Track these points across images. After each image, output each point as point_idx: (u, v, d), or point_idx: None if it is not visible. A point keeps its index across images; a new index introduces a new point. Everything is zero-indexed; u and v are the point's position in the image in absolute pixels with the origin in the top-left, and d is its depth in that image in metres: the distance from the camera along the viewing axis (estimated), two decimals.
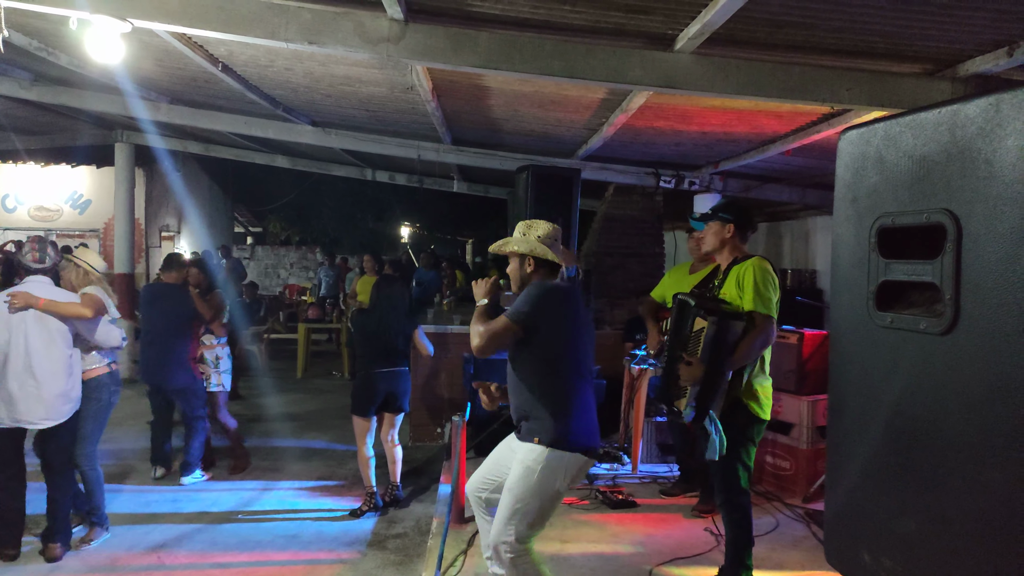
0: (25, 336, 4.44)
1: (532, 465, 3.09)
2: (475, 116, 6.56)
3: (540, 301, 3.14)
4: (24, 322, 4.44)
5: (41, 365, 4.46)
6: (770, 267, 3.64)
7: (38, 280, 4.61)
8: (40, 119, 10.14)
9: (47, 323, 4.50)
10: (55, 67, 6.49)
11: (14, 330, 4.43)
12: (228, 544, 4.96)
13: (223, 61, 5.51)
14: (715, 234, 3.80)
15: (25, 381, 4.41)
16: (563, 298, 3.23)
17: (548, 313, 3.14)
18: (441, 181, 11.99)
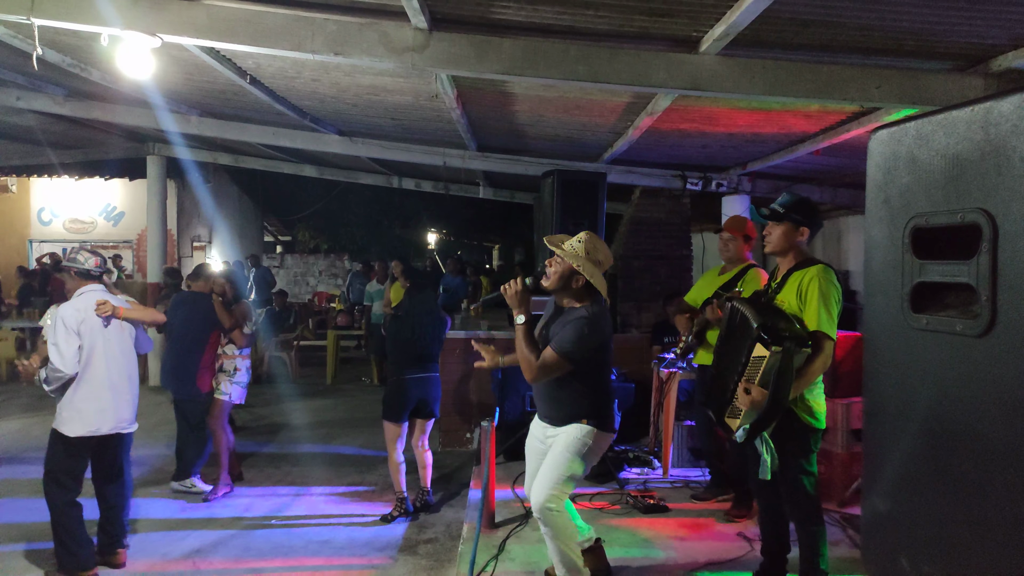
0: (109, 342, 4.51)
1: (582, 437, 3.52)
2: (500, 122, 6.58)
3: (590, 339, 3.43)
4: (107, 329, 4.52)
5: (125, 370, 4.60)
6: (834, 277, 3.36)
7: (99, 288, 4.63)
8: (74, 133, 10.35)
9: (124, 329, 4.63)
10: (88, 83, 6.63)
11: (101, 337, 4.49)
12: (262, 550, 5.01)
13: (251, 73, 5.59)
14: (784, 236, 3.49)
15: (118, 386, 4.52)
16: (606, 328, 3.53)
17: (595, 347, 3.47)
18: (467, 187, 12.03)
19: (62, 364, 4.28)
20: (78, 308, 4.43)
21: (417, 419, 5.59)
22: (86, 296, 4.50)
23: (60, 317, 4.33)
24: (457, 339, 7.25)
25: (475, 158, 8.18)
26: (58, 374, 4.30)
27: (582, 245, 3.49)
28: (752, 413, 3.20)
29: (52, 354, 4.28)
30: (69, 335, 4.33)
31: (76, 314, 4.40)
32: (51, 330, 4.32)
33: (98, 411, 4.43)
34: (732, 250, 5.01)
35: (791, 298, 3.39)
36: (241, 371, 6.23)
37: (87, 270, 4.59)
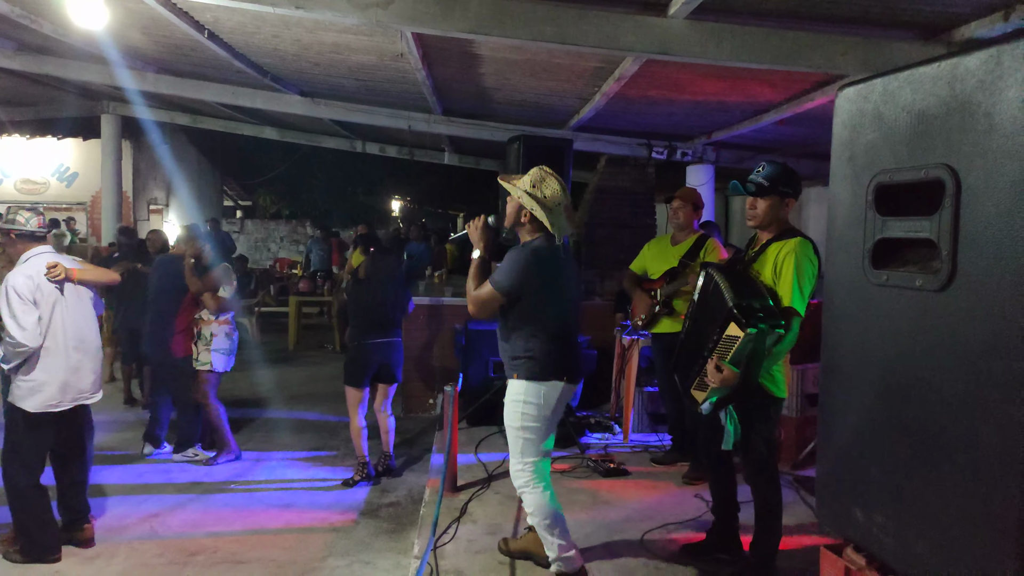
0: (67, 308, 4.13)
1: (514, 397, 3.42)
2: (466, 85, 6.49)
3: (523, 273, 3.30)
4: (62, 294, 4.12)
5: (86, 338, 4.24)
6: (812, 251, 3.35)
7: (47, 249, 4.20)
8: (25, 90, 9.98)
9: (80, 292, 4.24)
10: (38, 35, 6.38)
11: (59, 304, 4.10)
12: (221, 513, 4.97)
13: (209, 28, 5.42)
14: (771, 209, 3.40)
15: (79, 354, 4.17)
16: (541, 263, 3.34)
17: (530, 282, 3.32)
18: (432, 153, 11.91)
19: (24, 337, 3.90)
20: (29, 275, 4.00)
21: (379, 384, 5.58)
22: (34, 260, 4.08)
23: (10, 287, 3.93)
24: (421, 305, 7.22)
25: (440, 122, 8.09)
26: (20, 349, 3.92)
27: (528, 179, 3.40)
28: (722, 390, 3.22)
29: (11, 328, 3.87)
30: (25, 305, 3.93)
31: (28, 282, 3.98)
32: (2, 302, 3.92)
33: (60, 383, 4.09)
34: (682, 218, 5.01)
35: (766, 270, 3.36)
36: (219, 336, 5.85)
37: (31, 231, 4.16)
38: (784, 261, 3.31)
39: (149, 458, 6.02)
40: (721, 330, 3.14)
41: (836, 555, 2.29)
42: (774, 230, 3.46)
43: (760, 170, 3.42)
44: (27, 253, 4.09)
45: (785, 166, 3.42)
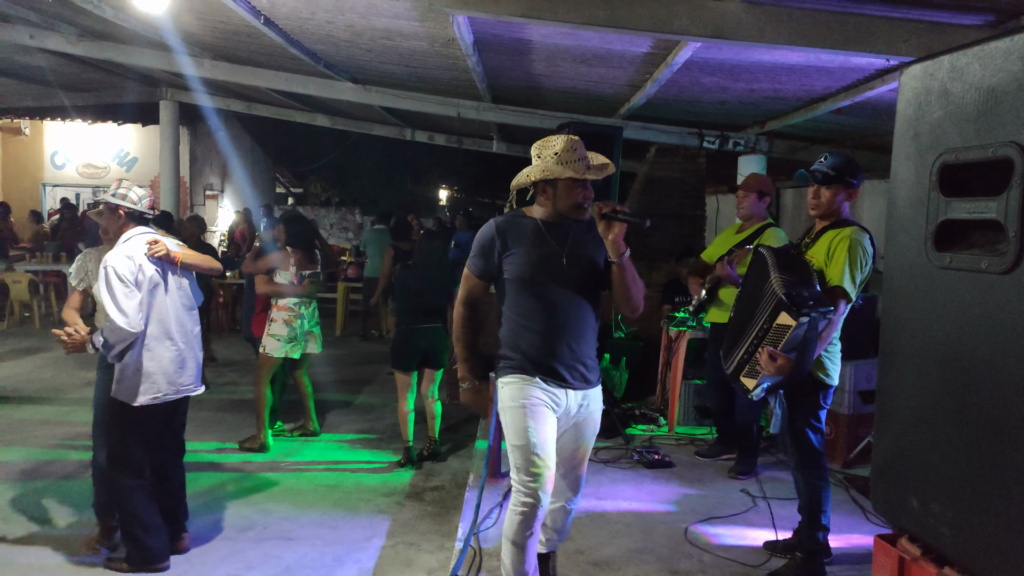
0: (170, 292, 3.84)
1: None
2: (516, 72, 6.47)
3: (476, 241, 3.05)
4: (165, 278, 3.82)
5: (187, 326, 3.94)
6: (867, 241, 3.34)
7: (148, 231, 3.86)
8: (87, 76, 10.27)
9: (182, 280, 3.95)
10: (101, 21, 6.55)
11: (161, 287, 3.80)
12: (271, 493, 5.07)
13: (265, 14, 5.50)
14: (835, 197, 3.42)
15: (183, 342, 3.88)
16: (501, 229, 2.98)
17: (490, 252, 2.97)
18: (480, 141, 11.93)
19: (126, 323, 3.55)
20: (130, 256, 3.68)
21: (426, 369, 5.61)
22: (135, 240, 3.75)
23: (111, 268, 3.60)
24: None
25: (489, 110, 8.09)
26: (122, 335, 3.58)
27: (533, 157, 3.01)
28: (774, 377, 3.19)
29: (111, 313, 3.53)
30: (127, 289, 3.60)
31: (129, 263, 3.66)
32: (102, 285, 3.59)
33: (164, 373, 3.78)
34: (747, 207, 4.98)
35: (820, 256, 3.37)
36: (277, 322, 5.80)
37: (140, 211, 3.83)
38: (838, 246, 3.30)
39: None
40: (772, 318, 3.11)
41: (890, 545, 2.23)
42: (832, 219, 3.46)
43: (824, 160, 3.43)
44: (128, 233, 3.77)
45: (851, 157, 3.42)
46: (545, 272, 2.90)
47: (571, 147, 2.90)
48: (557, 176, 2.87)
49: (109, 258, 3.63)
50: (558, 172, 2.86)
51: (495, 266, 2.96)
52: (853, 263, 3.27)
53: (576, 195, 2.91)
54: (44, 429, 6.19)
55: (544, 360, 2.91)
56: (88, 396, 4.44)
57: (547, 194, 2.95)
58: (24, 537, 4.27)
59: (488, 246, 2.98)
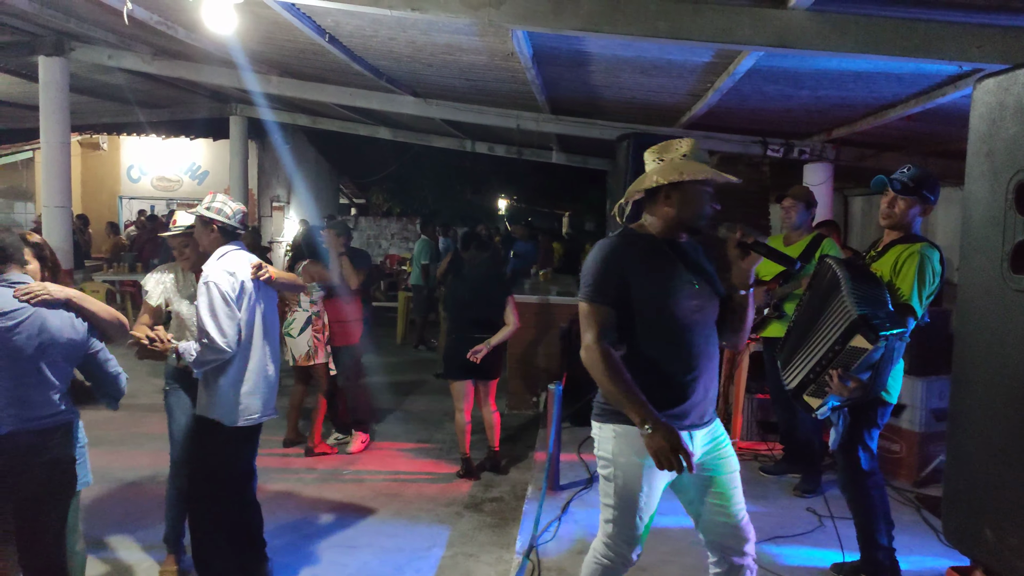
0: (264, 314, 3.72)
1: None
2: (575, 84, 6.47)
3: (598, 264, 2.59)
4: (260, 298, 3.70)
5: (275, 344, 3.82)
6: (938, 258, 3.25)
7: (240, 247, 3.72)
8: (161, 93, 10.68)
9: (272, 298, 3.84)
10: (174, 41, 6.81)
11: (257, 308, 3.68)
12: (334, 500, 5.16)
13: (330, 32, 5.63)
14: (909, 209, 3.33)
15: (272, 364, 3.77)
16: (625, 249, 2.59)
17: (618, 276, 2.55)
18: (539, 152, 11.96)
19: (224, 342, 3.45)
20: (232, 272, 3.56)
21: (480, 380, 5.63)
22: (233, 256, 3.63)
23: (214, 284, 3.48)
24: (527, 303, 7.26)
25: (549, 121, 8.10)
26: (217, 352, 3.48)
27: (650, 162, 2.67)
28: (843, 398, 3.11)
29: (211, 330, 3.43)
30: (229, 308, 3.48)
31: (232, 280, 3.54)
32: (203, 302, 3.48)
33: (260, 394, 3.68)
34: (795, 217, 4.93)
35: (886, 270, 3.29)
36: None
37: (233, 227, 3.68)
38: (906, 261, 3.22)
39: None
40: (845, 339, 2.99)
41: None
42: (901, 233, 3.38)
43: (907, 170, 3.36)
44: (223, 248, 3.63)
45: (928, 172, 3.34)
46: (677, 300, 2.53)
47: (698, 148, 2.59)
48: (692, 176, 2.48)
49: (211, 274, 3.51)
50: (692, 171, 2.48)
51: (622, 293, 2.53)
52: (922, 281, 3.19)
53: (703, 203, 2.57)
54: (115, 434, 6.44)
55: (674, 404, 2.52)
56: (157, 403, 4.57)
57: (670, 201, 2.56)
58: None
59: (615, 270, 2.55)
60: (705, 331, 2.60)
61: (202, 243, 3.68)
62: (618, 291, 2.52)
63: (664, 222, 2.61)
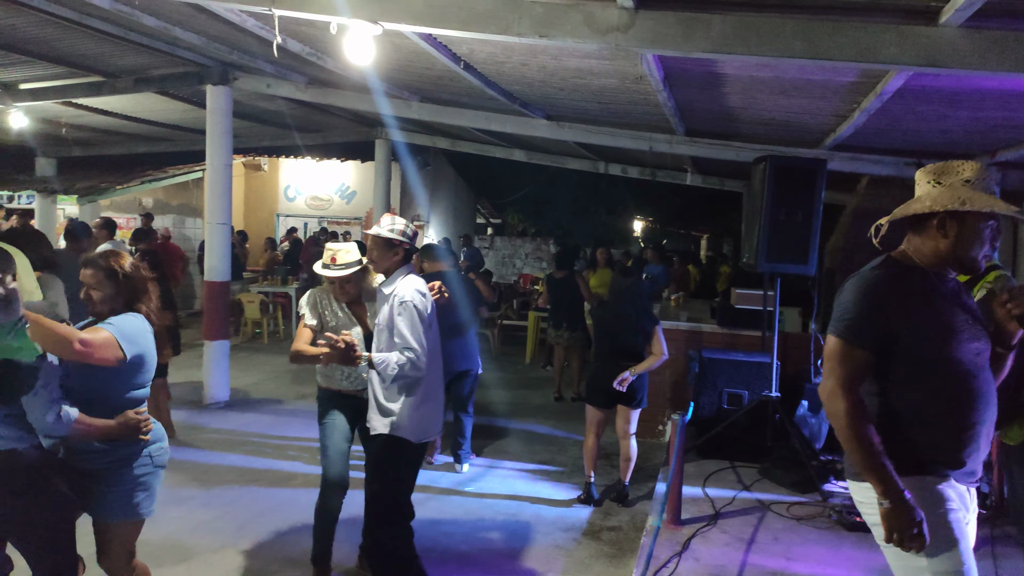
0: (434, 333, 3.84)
1: None
2: (709, 105, 6.31)
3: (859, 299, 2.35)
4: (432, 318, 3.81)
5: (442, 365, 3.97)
6: None
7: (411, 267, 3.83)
8: (314, 118, 11.39)
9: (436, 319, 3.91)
10: (324, 70, 7.24)
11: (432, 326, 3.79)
12: (455, 516, 5.25)
13: (464, 59, 5.80)
14: None
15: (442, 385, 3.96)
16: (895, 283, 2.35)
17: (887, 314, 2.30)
18: (674, 174, 11.74)
19: (423, 362, 3.58)
20: (423, 293, 3.72)
21: (620, 406, 5.54)
22: (415, 279, 3.75)
23: (411, 303, 3.58)
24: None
25: (682, 143, 7.94)
26: (416, 372, 3.58)
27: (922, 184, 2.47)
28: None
29: (416, 346, 3.53)
30: (424, 326, 3.61)
31: (424, 300, 3.68)
32: (403, 318, 3.56)
33: (437, 413, 3.84)
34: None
35: None
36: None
37: (413, 248, 3.80)
38: None
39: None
40: None
41: None
42: None
43: None
44: (402, 268, 3.74)
45: None
46: (959, 343, 2.28)
47: (985, 175, 2.33)
48: (976, 207, 2.22)
49: (407, 294, 3.60)
50: (977, 202, 2.22)
51: (886, 336, 2.29)
52: None
53: (983, 239, 2.30)
54: (259, 436, 6.85)
55: (958, 453, 2.29)
56: (303, 408, 4.80)
57: (944, 232, 2.31)
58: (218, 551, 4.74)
59: (880, 308, 2.30)
60: (986, 374, 2.34)
61: (382, 265, 3.72)
62: (881, 333, 2.28)
63: (933, 254, 2.35)
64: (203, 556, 4.51)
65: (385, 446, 3.69)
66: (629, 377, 5.26)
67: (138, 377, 3.04)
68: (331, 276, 3.94)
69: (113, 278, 3.03)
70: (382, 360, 3.52)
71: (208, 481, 5.68)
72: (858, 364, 2.29)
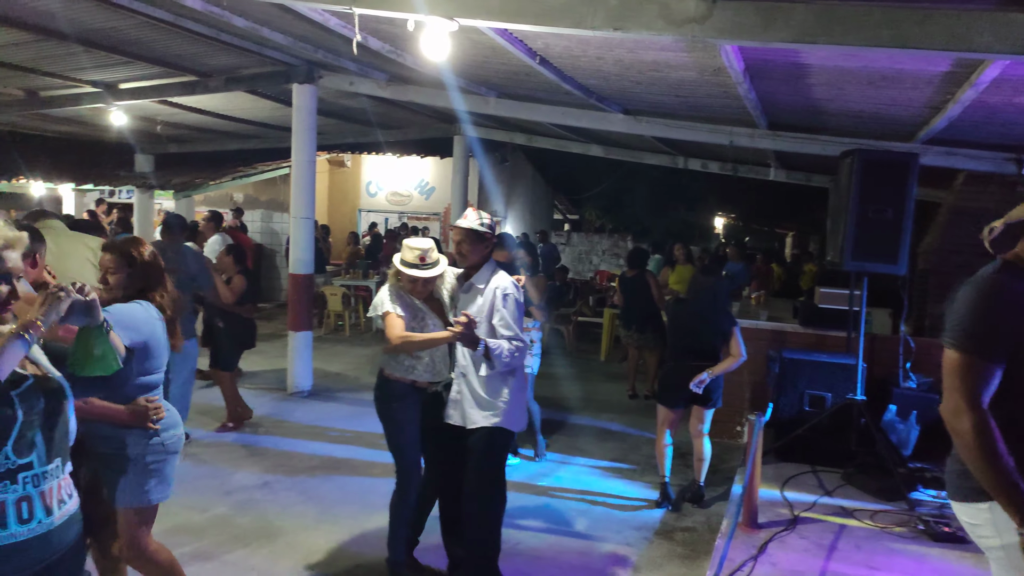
0: None
1: None
2: (793, 97, 6.12)
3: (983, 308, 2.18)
4: None
5: None
6: None
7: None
8: (395, 115, 11.60)
9: None
10: (403, 67, 7.36)
11: None
12: (525, 510, 5.27)
13: (540, 54, 5.80)
14: None
15: None
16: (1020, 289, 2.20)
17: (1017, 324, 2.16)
18: (756, 169, 11.43)
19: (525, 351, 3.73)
20: (516, 285, 3.85)
21: (695, 405, 5.44)
22: (502, 272, 3.87)
23: (514, 296, 3.73)
24: None
25: (764, 136, 7.72)
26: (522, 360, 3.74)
27: None
28: None
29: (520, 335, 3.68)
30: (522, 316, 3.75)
31: (518, 292, 3.82)
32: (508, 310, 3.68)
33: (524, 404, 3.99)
34: None
35: None
36: (536, 343, 6.18)
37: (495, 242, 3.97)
38: None
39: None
40: None
41: None
42: None
43: None
44: (489, 262, 3.85)
45: None
46: None
47: None
48: None
49: (507, 285, 3.73)
50: None
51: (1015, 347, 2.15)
52: None
53: None
54: (339, 426, 7.04)
55: None
56: None
57: None
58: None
59: (1008, 317, 2.15)
60: None
61: (472, 258, 3.78)
62: (1007, 343, 2.13)
63: None
64: (287, 537, 4.68)
65: (488, 438, 3.74)
66: (707, 379, 5.15)
67: (145, 364, 2.99)
68: (423, 276, 3.81)
69: (130, 264, 3.07)
70: (497, 346, 3.59)
71: (293, 468, 5.87)
72: (984, 378, 2.12)
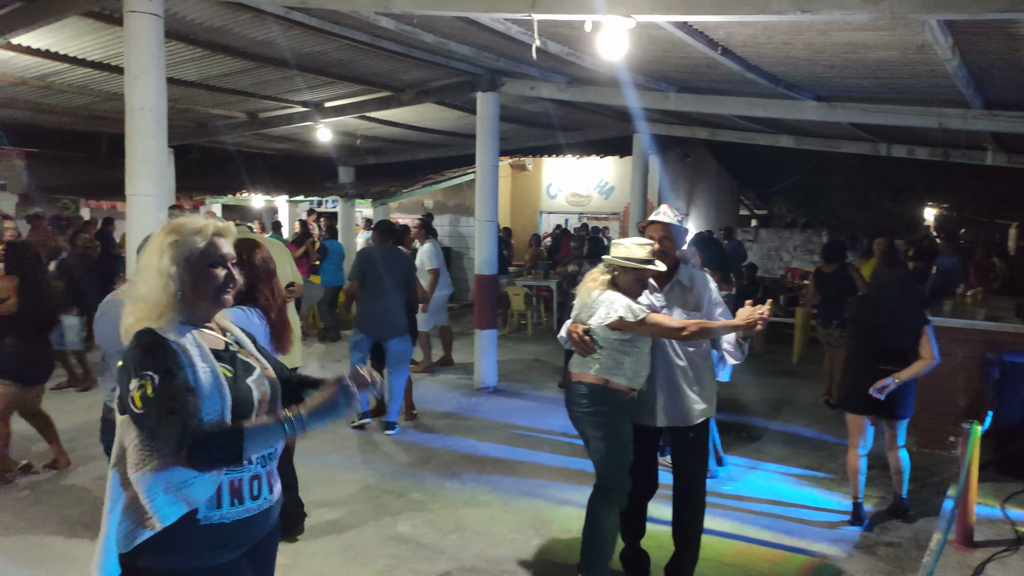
0: None
1: None
2: (1012, 72, 5.49)
3: None
4: None
5: None
6: None
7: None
8: (575, 116, 11.72)
9: None
10: (582, 69, 7.42)
11: None
12: (711, 514, 5.10)
13: (722, 44, 5.63)
14: None
15: None
16: None
17: None
18: (971, 153, 10.35)
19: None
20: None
21: (883, 419, 5.00)
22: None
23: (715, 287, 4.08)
24: (944, 327, 6.33)
25: (980, 117, 6.96)
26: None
27: None
28: None
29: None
30: None
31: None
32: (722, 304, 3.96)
33: None
34: None
35: None
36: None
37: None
38: None
39: None
40: None
41: None
42: None
43: None
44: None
45: None
46: None
47: None
48: None
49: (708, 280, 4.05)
50: None
51: None
52: None
53: None
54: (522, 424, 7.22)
55: None
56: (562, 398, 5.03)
57: None
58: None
59: None
60: None
61: (673, 254, 3.91)
62: None
63: None
64: (473, 527, 4.91)
65: (702, 431, 4.00)
66: (891, 385, 4.66)
67: None
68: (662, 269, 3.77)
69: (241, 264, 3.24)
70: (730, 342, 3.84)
71: (478, 462, 6.12)
72: None
